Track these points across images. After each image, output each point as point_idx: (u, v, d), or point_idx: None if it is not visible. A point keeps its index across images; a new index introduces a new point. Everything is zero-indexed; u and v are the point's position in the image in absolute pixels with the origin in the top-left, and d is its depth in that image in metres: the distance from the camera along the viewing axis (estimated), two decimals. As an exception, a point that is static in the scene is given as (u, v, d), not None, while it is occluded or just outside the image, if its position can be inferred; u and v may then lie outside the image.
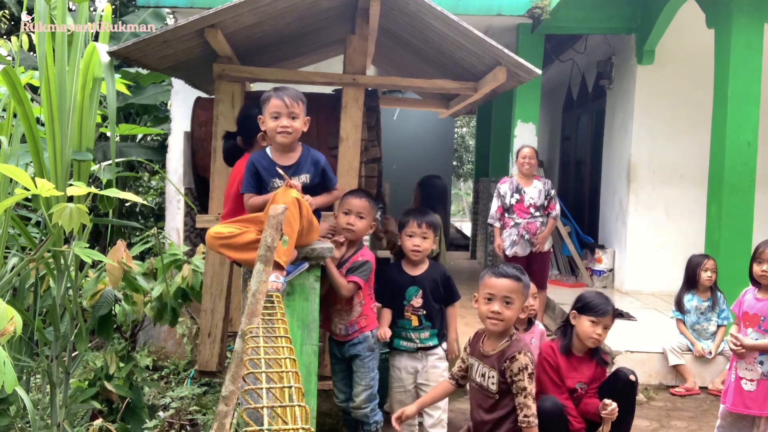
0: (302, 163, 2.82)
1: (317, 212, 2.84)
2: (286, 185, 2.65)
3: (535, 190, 5.66)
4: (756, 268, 3.31)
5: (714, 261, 4.77)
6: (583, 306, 3.04)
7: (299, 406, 1.20)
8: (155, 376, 5.11)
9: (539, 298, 4.17)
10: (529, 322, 3.43)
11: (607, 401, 2.79)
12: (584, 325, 2.98)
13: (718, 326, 4.81)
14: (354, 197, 3.18)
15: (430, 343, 3.29)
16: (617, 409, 2.78)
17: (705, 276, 4.74)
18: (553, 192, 5.76)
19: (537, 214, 5.62)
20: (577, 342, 3.03)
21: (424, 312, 3.26)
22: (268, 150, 2.84)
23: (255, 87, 4.61)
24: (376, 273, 3.28)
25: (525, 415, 2.51)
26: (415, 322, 3.27)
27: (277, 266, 2.46)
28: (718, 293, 4.79)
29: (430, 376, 3.29)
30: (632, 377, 3.04)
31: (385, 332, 3.23)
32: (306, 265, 2.63)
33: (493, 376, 2.58)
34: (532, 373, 2.56)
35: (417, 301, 3.27)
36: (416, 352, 3.29)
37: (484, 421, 2.61)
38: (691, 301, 4.83)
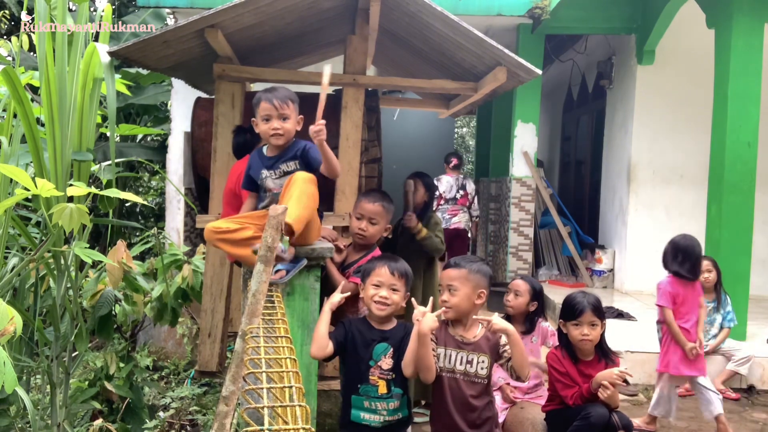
0: (286, 152, 2.77)
1: (320, 212, 2.84)
2: None
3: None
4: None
5: (711, 261, 4.69)
6: (562, 314, 3.04)
7: (300, 406, 1.20)
8: (155, 376, 5.10)
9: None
10: (531, 322, 3.39)
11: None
12: (570, 331, 2.98)
13: (722, 327, 4.78)
14: (367, 201, 3.06)
15: (400, 415, 2.55)
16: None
17: (700, 277, 4.71)
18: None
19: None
20: (576, 348, 3.02)
21: (393, 375, 2.53)
22: (264, 148, 2.85)
23: (255, 87, 4.61)
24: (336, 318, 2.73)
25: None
26: (382, 389, 2.52)
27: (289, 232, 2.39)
28: (723, 294, 4.75)
29: None
30: None
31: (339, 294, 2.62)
32: (305, 262, 2.62)
33: (483, 361, 2.56)
34: None
35: (386, 362, 2.54)
36: (381, 430, 2.52)
37: (473, 406, 2.56)
38: (696, 301, 4.81)
